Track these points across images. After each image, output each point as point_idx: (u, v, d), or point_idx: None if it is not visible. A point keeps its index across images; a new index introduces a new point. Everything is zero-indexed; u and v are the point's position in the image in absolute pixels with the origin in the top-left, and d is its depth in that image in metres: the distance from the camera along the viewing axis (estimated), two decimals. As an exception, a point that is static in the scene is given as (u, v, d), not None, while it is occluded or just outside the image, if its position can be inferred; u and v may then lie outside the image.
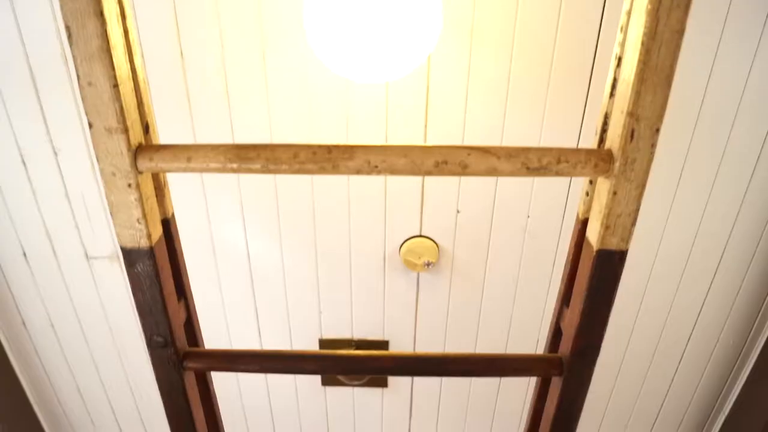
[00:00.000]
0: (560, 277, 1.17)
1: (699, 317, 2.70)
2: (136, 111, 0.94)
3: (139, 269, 0.99)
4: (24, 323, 2.88)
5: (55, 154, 2.34)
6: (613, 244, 0.96)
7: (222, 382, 2.47)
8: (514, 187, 2.36)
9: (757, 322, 2.70)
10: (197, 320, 1.19)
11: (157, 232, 1.00)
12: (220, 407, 1.40)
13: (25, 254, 2.65)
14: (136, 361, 2.96)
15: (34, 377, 3.08)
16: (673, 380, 2.93)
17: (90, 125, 0.89)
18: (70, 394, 3.14)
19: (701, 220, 2.41)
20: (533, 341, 2.78)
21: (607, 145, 0.95)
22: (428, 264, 2.47)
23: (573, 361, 1.08)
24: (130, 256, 0.99)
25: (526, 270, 2.58)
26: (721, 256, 2.50)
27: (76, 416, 3.26)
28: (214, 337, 2.82)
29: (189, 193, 2.41)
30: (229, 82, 2.13)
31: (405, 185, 2.35)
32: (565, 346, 1.11)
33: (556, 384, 1.14)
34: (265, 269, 2.61)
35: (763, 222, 2.41)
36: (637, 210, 0.94)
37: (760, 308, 2.65)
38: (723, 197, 2.34)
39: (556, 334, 1.17)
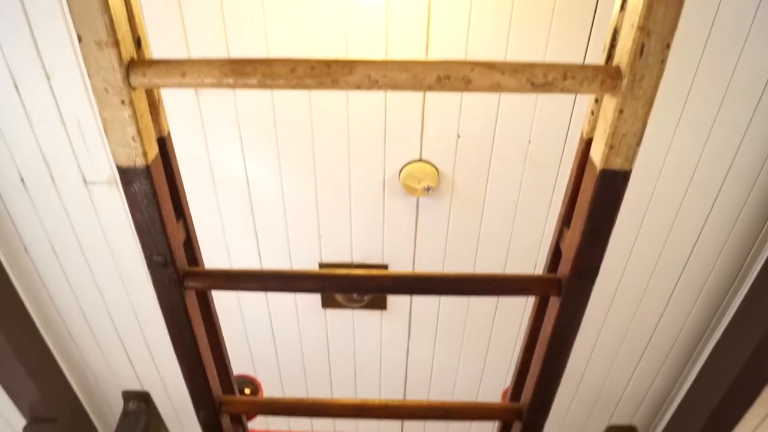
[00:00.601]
0: (561, 202, 1.16)
1: (698, 241, 2.71)
2: (127, 24, 0.90)
3: (136, 188, 0.98)
4: (26, 249, 2.89)
5: (48, 78, 2.28)
6: (617, 164, 0.95)
7: (223, 303, 2.50)
8: (515, 111, 2.32)
9: (757, 243, 2.71)
10: (196, 240, 1.19)
11: (153, 150, 0.98)
12: (222, 329, 1.42)
13: (22, 180, 2.64)
14: (138, 283, 2.99)
15: (39, 303, 3.12)
16: (669, 301, 2.98)
17: (79, 38, 0.86)
18: (75, 318, 3.19)
19: (706, 141, 2.37)
20: (531, 267, 2.80)
21: (615, 61, 0.92)
22: (428, 189, 2.46)
23: (572, 282, 1.08)
24: (126, 175, 0.97)
25: (526, 195, 2.57)
26: (724, 178, 2.48)
27: (83, 339, 3.33)
28: (214, 262, 2.84)
29: (185, 116, 2.37)
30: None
31: (405, 108, 2.31)
32: (565, 267, 1.11)
33: (554, 304, 1.15)
34: (264, 193, 2.61)
35: (767, 146, 2.38)
36: (643, 129, 0.92)
37: (760, 230, 2.66)
38: (730, 118, 2.30)
39: (555, 254, 1.17)
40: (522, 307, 2.98)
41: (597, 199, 0.98)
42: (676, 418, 3.54)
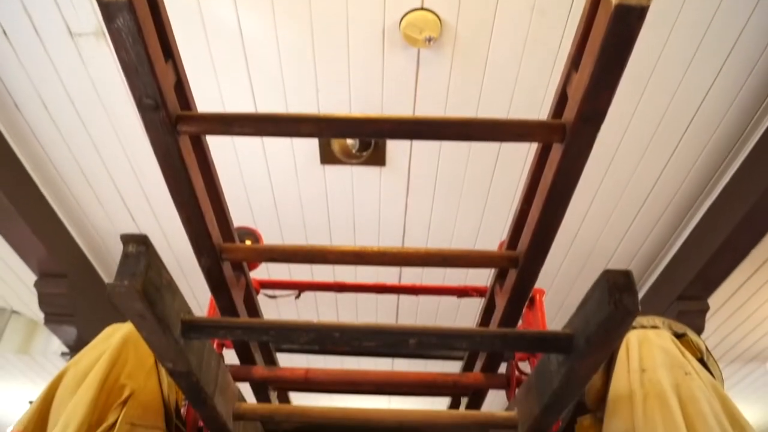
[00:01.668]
0: (566, 55, 1.09)
1: (706, 97, 2.64)
2: None
3: (120, 24, 0.91)
4: (17, 106, 2.82)
5: None
6: (634, -1, 0.88)
7: (221, 159, 2.48)
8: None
9: (763, 106, 2.65)
10: (188, 84, 1.14)
11: (134, -18, 0.90)
12: (221, 183, 1.41)
13: (5, 32, 2.52)
14: (132, 135, 2.95)
15: (36, 161, 3.10)
16: (670, 158, 2.96)
17: None
18: (73, 174, 3.19)
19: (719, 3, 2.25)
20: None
21: None
22: (429, 40, 2.35)
23: (576, 127, 1.05)
24: (108, 10, 0.90)
25: (531, 47, 2.46)
26: (736, 39, 2.37)
27: (82, 195, 3.35)
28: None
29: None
30: None
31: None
32: (570, 112, 1.07)
33: (556, 151, 1.12)
34: (259, 42, 2.49)
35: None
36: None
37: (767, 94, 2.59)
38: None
39: (561, 100, 1.13)
40: (523, 158, 2.96)
41: (609, 36, 0.91)
42: (666, 274, 3.67)
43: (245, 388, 1.56)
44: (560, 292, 3.90)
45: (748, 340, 4.50)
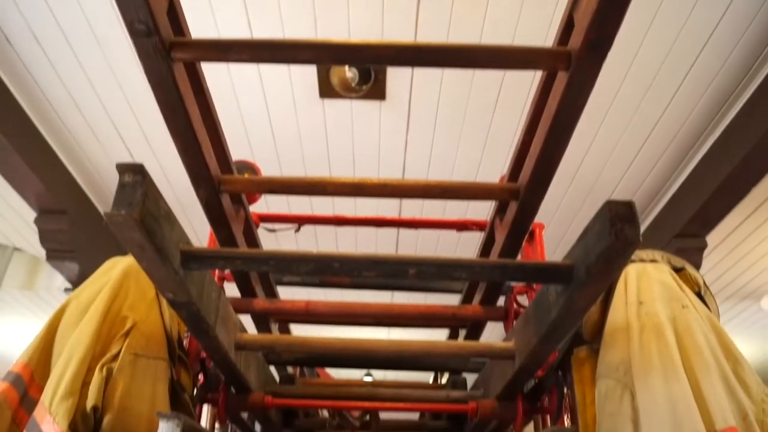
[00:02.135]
0: None
1: (709, 39, 2.57)
2: None
3: (107, -58, 0.87)
4: (8, 40, 2.75)
5: None
6: None
7: (218, 93, 2.43)
8: None
9: (765, 51, 2.58)
10: (181, 9, 1.10)
11: None
12: (218, 117, 1.38)
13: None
14: (125, 65, 2.89)
15: (30, 96, 3.04)
16: (678, 89, 2.90)
17: None
18: (68, 108, 3.13)
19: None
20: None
21: None
22: (431, -34, 2.26)
23: (582, 54, 1.02)
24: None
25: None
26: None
27: (78, 130, 3.30)
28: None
29: None
30: None
31: None
32: (576, 39, 1.04)
33: (561, 80, 1.09)
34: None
35: None
36: None
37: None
38: None
39: (567, 27, 1.09)
40: (526, 91, 2.90)
41: (620, -43, 0.88)
42: (665, 211, 3.67)
43: (247, 321, 1.58)
44: (560, 228, 3.90)
45: (743, 278, 4.55)
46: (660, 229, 3.65)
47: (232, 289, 1.68)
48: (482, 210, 3.25)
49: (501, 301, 1.78)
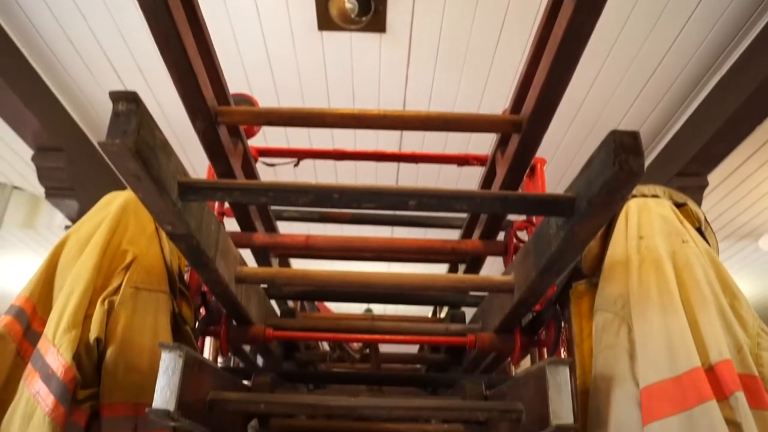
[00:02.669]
0: None
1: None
2: None
3: None
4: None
5: None
6: None
7: (214, 28, 2.36)
8: None
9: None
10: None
11: None
12: (214, 48, 1.34)
13: None
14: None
15: (22, 30, 2.96)
16: (680, 32, 2.83)
17: None
18: (60, 42, 3.06)
19: None
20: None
21: None
22: None
23: (591, -22, 0.98)
24: None
25: None
26: None
27: (72, 67, 3.24)
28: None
29: None
30: None
31: None
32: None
33: (569, 5, 1.06)
34: None
35: None
36: None
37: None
38: None
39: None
40: (531, 21, 2.81)
41: None
42: (668, 150, 3.64)
43: (247, 258, 1.58)
44: (561, 165, 3.88)
45: (742, 218, 4.56)
46: (662, 168, 3.63)
47: (232, 225, 1.68)
48: (484, 146, 3.22)
49: (501, 237, 1.78)
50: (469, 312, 1.86)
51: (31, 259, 5.54)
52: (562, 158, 3.84)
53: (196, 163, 3.53)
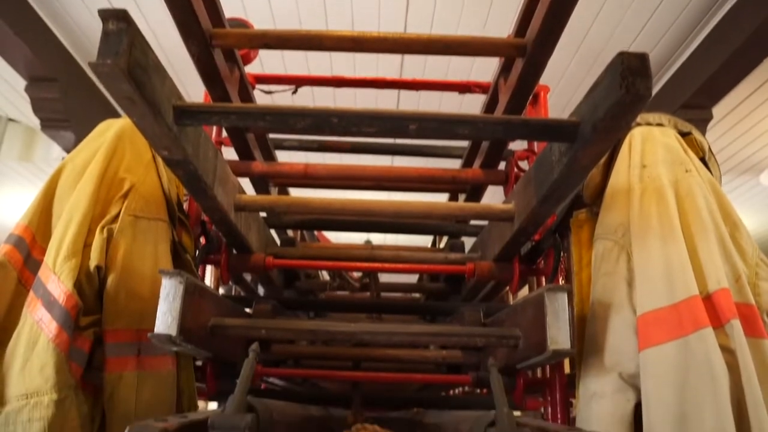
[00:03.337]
0: None
1: None
2: None
3: None
4: None
5: None
6: None
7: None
8: None
9: None
10: None
11: None
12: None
13: None
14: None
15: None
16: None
17: None
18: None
19: None
20: None
21: None
22: None
23: None
24: None
25: None
26: None
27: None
28: None
29: None
30: None
31: None
32: None
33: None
34: None
35: None
36: None
37: None
38: None
39: None
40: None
41: None
42: (673, 81, 3.58)
43: (246, 187, 1.57)
44: (565, 95, 3.81)
45: (744, 152, 4.53)
46: (666, 99, 3.58)
47: (230, 156, 1.66)
48: (486, 74, 3.16)
49: (502, 167, 1.76)
50: (468, 242, 1.86)
51: (30, 193, 5.51)
52: (565, 88, 3.77)
53: (193, 94, 3.47)
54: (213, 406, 1.72)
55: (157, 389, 1.26)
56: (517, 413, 1.35)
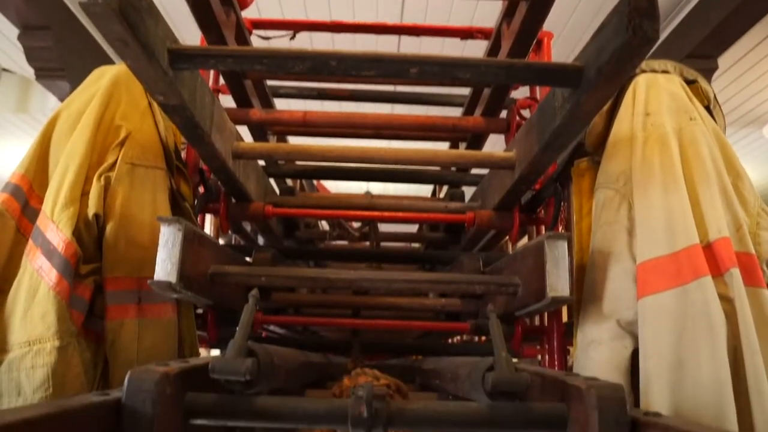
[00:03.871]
0: None
1: None
2: None
3: None
4: None
5: None
6: None
7: None
8: None
9: None
10: None
11: None
12: None
13: None
14: None
15: None
16: None
17: None
18: None
19: None
20: None
21: None
22: None
23: None
24: None
25: None
26: None
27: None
28: None
29: None
30: None
31: None
32: None
33: None
34: None
35: None
36: None
37: None
38: None
39: None
40: None
41: None
42: (679, 30, 3.51)
43: (245, 136, 1.55)
44: (569, 43, 3.73)
45: (749, 104, 4.48)
46: (672, 49, 3.52)
47: (228, 104, 1.63)
48: (489, 20, 3.09)
49: (504, 116, 1.74)
50: (468, 192, 1.85)
51: (27, 144, 5.48)
52: (569, 36, 3.69)
53: (186, 35, 3.40)
54: (215, 353, 1.74)
55: (158, 336, 1.27)
56: (514, 360, 1.36)
